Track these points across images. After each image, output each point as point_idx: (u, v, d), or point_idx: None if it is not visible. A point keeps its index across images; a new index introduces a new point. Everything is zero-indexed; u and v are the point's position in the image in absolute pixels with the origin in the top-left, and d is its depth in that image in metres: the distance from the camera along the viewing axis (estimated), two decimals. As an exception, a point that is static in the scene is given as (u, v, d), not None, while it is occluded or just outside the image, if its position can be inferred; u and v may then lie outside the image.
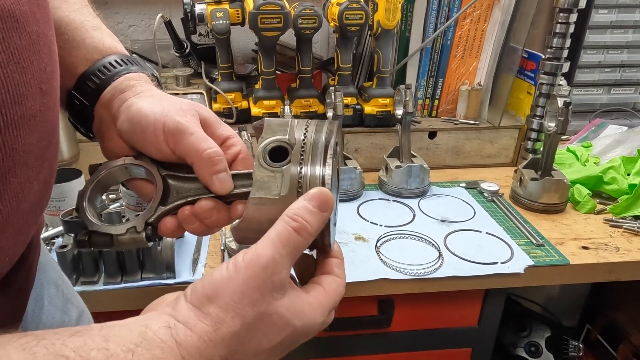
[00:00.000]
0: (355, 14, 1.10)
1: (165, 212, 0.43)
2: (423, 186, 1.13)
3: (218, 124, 0.45)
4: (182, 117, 0.42)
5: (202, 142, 0.41)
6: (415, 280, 0.87)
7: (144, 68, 0.49)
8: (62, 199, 0.95)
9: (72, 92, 0.47)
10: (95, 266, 0.84)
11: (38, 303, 0.54)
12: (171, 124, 0.41)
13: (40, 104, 0.36)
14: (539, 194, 1.07)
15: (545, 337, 1.50)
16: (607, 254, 0.93)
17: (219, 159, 0.41)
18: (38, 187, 0.38)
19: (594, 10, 1.34)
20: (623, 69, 1.42)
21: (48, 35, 0.38)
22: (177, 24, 1.26)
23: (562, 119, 1.01)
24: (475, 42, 1.25)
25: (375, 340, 1.00)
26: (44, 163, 0.38)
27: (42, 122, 0.36)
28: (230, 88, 1.21)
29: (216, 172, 0.41)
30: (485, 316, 1.01)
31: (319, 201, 0.36)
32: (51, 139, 0.39)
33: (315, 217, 0.36)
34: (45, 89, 0.36)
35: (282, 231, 0.35)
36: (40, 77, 0.36)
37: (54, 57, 0.39)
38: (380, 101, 1.21)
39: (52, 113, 0.39)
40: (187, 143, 0.41)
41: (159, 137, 0.42)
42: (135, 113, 0.43)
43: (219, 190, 0.41)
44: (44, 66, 0.36)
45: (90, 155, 1.15)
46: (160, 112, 0.42)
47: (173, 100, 0.45)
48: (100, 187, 0.46)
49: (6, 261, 0.36)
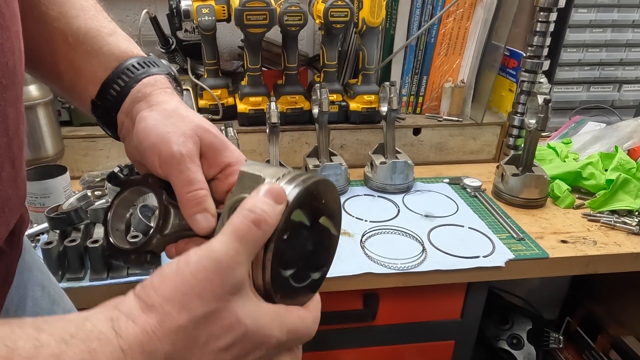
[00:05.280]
0: (340, 12, 1.11)
1: (164, 242, 0.44)
2: (407, 182, 1.15)
3: (223, 149, 0.45)
4: (179, 147, 0.41)
5: (186, 184, 0.41)
6: (399, 274, 0.89)
7: (161, 68, 0.49)
8: (46, 195, 0.94)
9: (95, 102, 0.48)
10: (80, 262, 0.84)
11: (21, 304, 0.53)
12: (166, 154, 0.41)
13: (0, 98, 0.36)
14: (519, 189, 1.10)
15: (527, 330, 1.54)
16: (584, 247, 0.96)
17: (197, 201, 0.41)
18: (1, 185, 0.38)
19: (573, 9, 1.37)
20: (602, 67, 1.46)
21: (12, 30, 0.38)
22: (163, 20, 1.25)
23: (542, 116, 1.03)
24: (458, 40, 1.27)
25: (360, 334, 1.02)
26: (5, 161, 0.38)
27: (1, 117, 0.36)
28: (216, 84, 1.22)
29: (194, 213, 0.41)
30: (468, 309, 1.03)
31: (273, 194, 0.35)
32: (13, 136, 0.39)
33: (272, 209, 0.34)
34: (5, 84, 0.36)
35: (239, 225, 0.33)
36: (0, 70, 0.35)
37: (17, 54, 0.39)
38: (366, 98, 1.23)
39: (14, 109, 0.39)
40: (175, 179, 0.42)
41: (155, 163, 0.43)
42: (142, 132, 0.43)
43: (197, 231, 0.42)
44: (5, 60, 0.36)
45: (75, 151, 1.14)
46: (160, 137, 0.42)
47: (181, 118, 0.44)
48: (122, 206, 0.48)
49: None
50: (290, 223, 0.36)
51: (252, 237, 0.33)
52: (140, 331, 0.30)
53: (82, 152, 1.15)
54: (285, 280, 0.37)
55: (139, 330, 0.30)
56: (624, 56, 1.45)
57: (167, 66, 0.50)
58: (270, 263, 0.35)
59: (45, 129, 1.04)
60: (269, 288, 0.36)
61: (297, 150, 1.24)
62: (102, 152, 1.16)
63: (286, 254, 0.37)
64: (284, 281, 0.37)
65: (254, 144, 1.22)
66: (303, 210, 0.37)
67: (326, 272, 0.43)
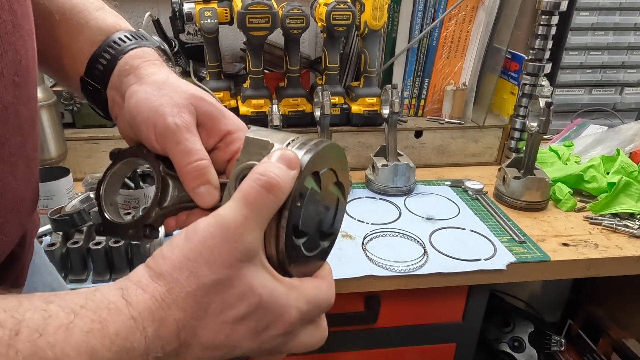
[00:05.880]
0: (343, 15, 1.12)
1: (163, 215, 0.42)
2: (409, 185, 1.15)
3: (220, 117, 0.43)
4: (174, 118, 0.40)
5: (185, 156, 0.39)
6: (400, 277, 0.89)
7: (150, 41, 0.47)
8: (49, 197, 0.95)
9: (84, 78, 0.46)
10: (83, 264, 0.84)
11: None
12: (161, 127, 0.40)
13: (13, 96, 0.35)
14: (521, 192, 1.10)
15: (529, 332, 1.54)
16: (586, 250, 0.96)
17: (198, 173, 0.39)
18: (16, 184, 0.38)
19: (575, 13, 1.37)
20: (604, 70, 1.46)
21: (25, 29, 0.37)
22: (166, 23, 1.26)
23: (544, 119, 1.03)
24: (460, 43, 1.27)
25: (361, 337, 1.02)
26: (20, 160, 0.38)
27: (15, 115, 0.36)
28: (218, 87, 1.22)
29: (197, 186, 0.39)
30: (469, 312, 1.03)
31: (286, 159, 0.33)
32: (28, 135, 0.39)
33: (286, 174, 0.33)
34: (18, 82, 0.36)
35: (249, 190, 0.32)
36: (14, 68, 0.35)
37: (30, 52, 0.38)
38: (367, 100, 1.23)
39: (27, 109, 0.38)
40: (172, 152, 0.40)
41: (151, 137, 0.41)
42: (134, 107, 0.41)
43: (201, 205, 0.40)
44: (18, 58, 0.36)
45: (78, 153, 1.15)
46: (154, 110, 0.40)
47: (173, 88, 0.42)
48: (115, 179, 0.46)
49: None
50: (303, 189, 0.35)
51: (263, 202, 0.32)
52: (150, 298, 0.30)
53: (85, 154, 1.16)
54: (298, 249, 0.36)
55: (148, 297, 0.30)
56: (626, 59, 1.45)
57: (157, 41, 0.48)
58: (284, 231, 0.34)
59: (48, 131, 1.04)
60: (283, 258, 0.35)
61: (299, 152, 1.25)
62: (104, 154, 1.17)
63: (299, 221, 0.35)
64: (297, 250, 0.36)
65: (256, 146, 1.22)
66: (314, 176, 0.36)
67: (334, 240, 0.42)
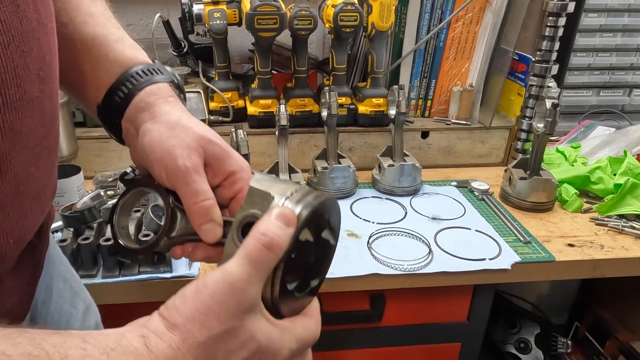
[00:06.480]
0: (350, 16, 1.13)
1: (170, 244, 0.46)
2: (415, 185, 1.16)
3: (226, 158, 0.46)
4: (185, 160, 0.43)
5: (193, 196, 0.43)
6: (405, 276, 0.90)
7: (164, 76, 0.50)
8: (61, 194, 0.97)
9: (101, 106, 0.50)
10: (93, 260, 0.86)
11: (47, 293, 0.56)
12: (172, 167, 0.43)
13: (38, 90, 0.38)
14: (527, 192, 1.10)
15: (535, 334, 1.54)
16: (591, 251, 0.96)
17: (204, 212, 0.43)
18: (38, 174, 0.40)
19: (583, 14, 1.37)
20: (612, 71, 1.45)
21: (48, 27, 0.40)
22: (176, 24, 1.28)
23: (550, 120, 1.03)
24: (467, 44, 1.28)
25: (366, 335, 1.03)
26: (43, 150, 0.41)
27: (39, 108, 0.38)
28: (227, 87, 1.24)
29: (202, 224, 0.43)
30: (474, 312, 1.04)
31: (284, 217, 0.37)
32: (50, 127, 0.41)
33: (283, 231, 0.37)
34: (43, 76, 0.38)
35: (252, 250, 0.36)
36: (39, 63, 0.38)
37: (53, 49, 0.41)
38: (374, 101, 1.24)
39: (50, 102, 0.41)
40: (182, 191, 0.44)
41: (162, 175, 0.44)
42: (147, 145, 0.45)
43: (205, 240, 0.44)
44: (42, 54, 0.38)
45: (89, 152, 1.17)
46: (167, 151, 0.44)
47: (184, 129, 0.45)
48: (127, 205, 0.50)
49: (10, 244, 0.38)
50: (297, 242, 0.38)
51: (264, 260, 0.36)
52: (167, 347, 0.34)
53: (96, 153, 1.18)
54: (290, 292, 0.40)
55: (166, 346, 0.34)
56: (635, 60, 1.44)
57: (170, 73, 0.52)
58: (279, 280, 0.38)
59: (61, 130, 1.06)
60: (277, 302, 0.39)
61: (306, 152, 1.26)
62: (114, 153, 1.19)
63: (293, 270, 0.39)
64: (289, 293, 0.40)
65: (264, 146, 1.24)
66: (310, 228, 0.39)
67: (324, 278, 0.45)
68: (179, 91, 0.52)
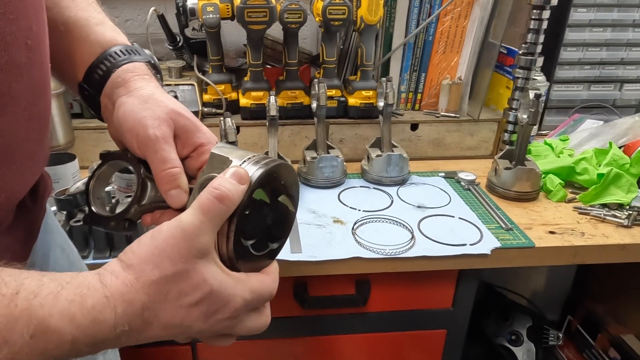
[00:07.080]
0: (338, 9, 1.16)
1: (140, 211, 0.49)
2: (402, 174, 1.18)
3: (195, 131, 0.50)
4: (154, 129, 0.46)
5: (161, 163, 0.46)
6: (387, 260, 0.92)
7: (142, 56, 0.54)
8: (56, 180, 1.00)
9: (81, 84, 0.53)
10: (85, 242, 0.89)
11: (44, 261, 0.59)
12: (142, 136, 0.46)
13: (26, 57, 0.41)
14: (512, 182, 1.12)
15: (527, 327, 1.55)
16: (572, 238, 0.98)
17: (171, 178, 0.46)
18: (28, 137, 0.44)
19: (573, 9, 1.38)
20: (602, 66, 1.47)
21: (36, 1, 0.43)
22: (172, 19, 1.31)
23: (533, 110, 1.05)
24: (456, 38, 1.30)
25: (352, 321, 1.05)
26: (33, 116, 0.44)
27: (28, 75, 0.41)
28: (220, 80, 1.27)
29: (169, 189, 0.46)
30: (459, 299, 1.06)
31: (237, 175, 0.41)
32: (39, 96, 0.45)
33: (235, 187, 0.40)
34: (31, 45, 0.41)
35: (204, 200, 0.39)
36: (26, 32, 0.40)
37: (41, 23, 0.44)
38: (364, 93, 1.26)
39: (40, 72, 0.44)
40: (151, 158, 0.47)
41: (133, 144, 0.48)
42: (121, 116, 0.48)
43: (172, 205, 0.47)
44: (30, 24, 0.41)
45: (85, 141, 1.20)
46: (137, 121, 0.47)
47: (156, 103, 0.48)
48: (103, 177, 0.54)
49: (2, 197, 0.42)
50: (251, 200, 0.42)
51: (215, 210, 0.39)
52: (121, 283, 0.37)
53: (92, 143, 1.21)
54: (246, 249, 0.43)
55: (120, 282, 0.37)
56: (625, 55, 1.45)
57: (148, 55, 0.55)
58: (233, 234, 0.41)
59: (57, 120, 1.10)
60: (232, 256, 0.42)
61: (297, 143, 1.29)
62: (110, 143, 1.20)
63: (247, 226, 0.42)
64: (245, 250, 0.43)
65: (256, 137, 1.26)
66: (265, 189, 0.43)
67: (283, 243, 0.48)
68: (156, 71, 0.55)
